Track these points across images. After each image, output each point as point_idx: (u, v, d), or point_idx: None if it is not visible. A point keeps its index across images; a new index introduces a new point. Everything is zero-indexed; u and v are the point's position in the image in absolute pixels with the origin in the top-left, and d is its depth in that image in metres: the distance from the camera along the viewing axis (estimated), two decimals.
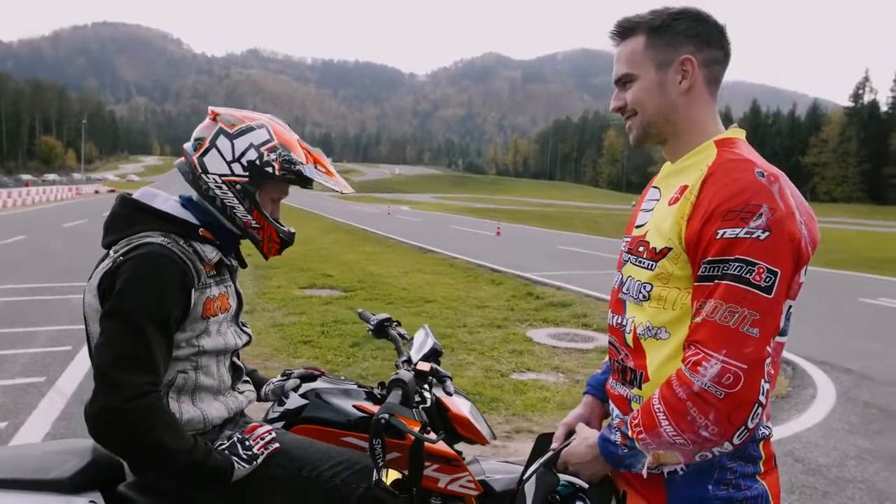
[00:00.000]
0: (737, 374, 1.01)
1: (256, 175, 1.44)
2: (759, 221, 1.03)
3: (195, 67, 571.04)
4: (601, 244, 19.28)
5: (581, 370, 5.40)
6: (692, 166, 1.17)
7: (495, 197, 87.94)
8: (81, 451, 1.44)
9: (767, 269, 1.02)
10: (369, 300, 8.51)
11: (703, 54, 1.18)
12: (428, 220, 30.46)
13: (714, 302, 1.04)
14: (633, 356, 1.20)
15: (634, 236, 1.26)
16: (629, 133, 1.26)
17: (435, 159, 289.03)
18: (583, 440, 1.23)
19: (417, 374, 1.65)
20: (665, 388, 1.08)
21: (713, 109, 1.22)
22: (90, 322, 1.39)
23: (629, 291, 1.22)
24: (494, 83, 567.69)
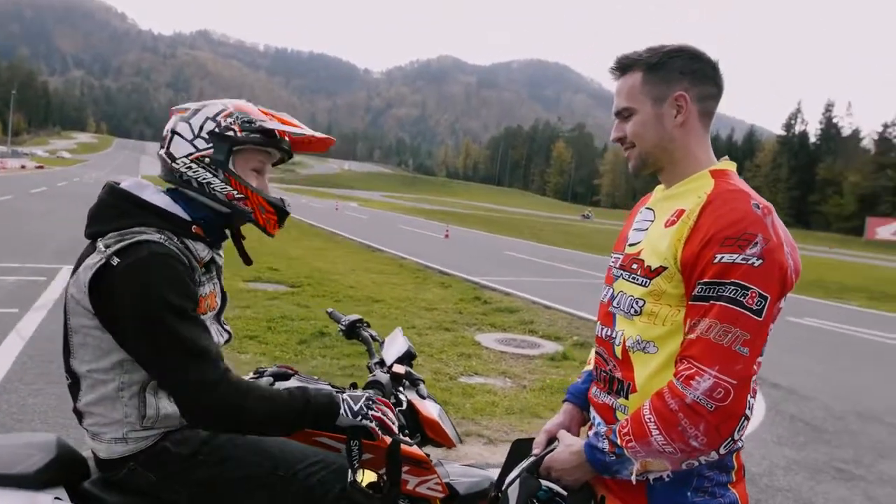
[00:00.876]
0: (727, 389, 1.09)
1: (219, 142, 1.42)
2: (755, 249, 1.10)
3: (139, 44, 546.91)
4: (547, 253, 19.69)
5: (528, 376, 5.51)
6: (688, 192, 1.25)
7: (444, 199, 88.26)
8: (46, 445, 1.38)
9: (759, 293, 1.10)
10: (316, 297, 8.41)
11: (696, 90, 1.26)
12: (377, 219, 30.29)
13: (709, 321, 1.12)
14: (621, 367, 1.27)
15: (627, 254, 1.32)
16: (628, 161, 1.33)
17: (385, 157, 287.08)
18: (566, 447, 1.28)
19: (393, 376, 1.66)
20: (656, 400, 1.15)
21: (706, 140, 1.31)
22: (71, 315, 1.35)
23: (620, 306, 1.29)
24: (449, 86, 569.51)
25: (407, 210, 44.75)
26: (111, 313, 1.31)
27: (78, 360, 1.36)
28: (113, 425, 1.36)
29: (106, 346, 1.34)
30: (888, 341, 9.20)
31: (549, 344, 6.81)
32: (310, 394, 1.40)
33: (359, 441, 1.35)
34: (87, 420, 1.39)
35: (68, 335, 1.37)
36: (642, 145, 1.29)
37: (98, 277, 1.29)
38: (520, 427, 4.19)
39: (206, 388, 1.28)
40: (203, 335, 1.34)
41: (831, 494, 3.63)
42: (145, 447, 1.38)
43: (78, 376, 1.37)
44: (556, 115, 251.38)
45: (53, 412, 3.74)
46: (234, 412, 1.31)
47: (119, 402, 1.35)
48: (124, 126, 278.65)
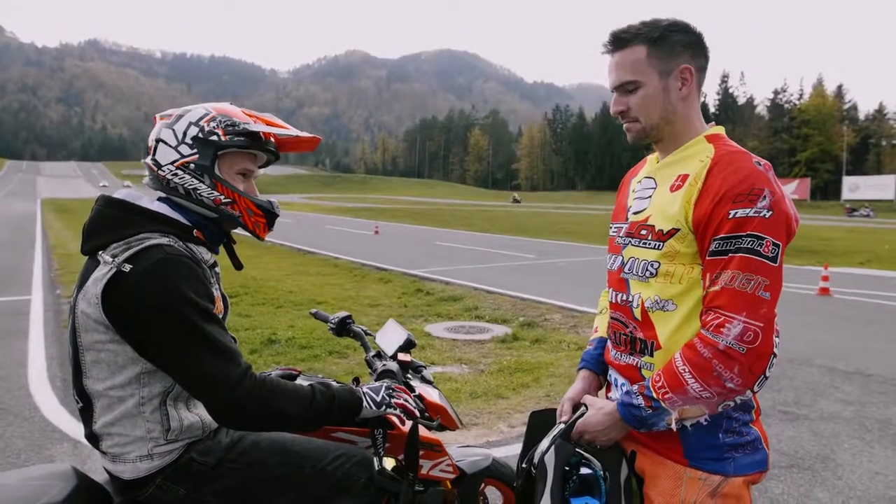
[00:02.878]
0: (756, 332, 1.18)
1: (204, 147, 1.41)
2: (764, 202, 1.20)
3: (22, 58, 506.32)
4: (477, 239, 19.99)
5: (482, 360, 5.63)
6: (688, 158, 1.33)
7: (367, 196, 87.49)
8: (65, 475, 1.33)
9: (773, 242, 1.19)
10: (257, 305, 8.20)
11: (696, 62, 1.33)
12: (301, 221, 29.65)
13: (731, 272, 1.20)
14: (642, 328, 1.34)
15: (633, 221, 1.38)
16: (628, 133, 1.38)
17: (301, 159, 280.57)
18: (598, 410, 1.34)
19: (400, 364, 1.69)
20: (688, 351, 1.23)
21: (698, 108, 1.38)
22: (82, 332, 1.30)
23: (632, 270, 1.36)
24: (360, 82, 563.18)
25: (330, 210, 44.07)
26: (129, 321, 1.27)
27: (92, 378, 1.32)
28: (136, 443, 1.33)
29: (122, 361, 1.30)
30: (804, 291, 10.00)
31: (497, 327, 6.97)
32: (334, 389, 1.41)
33: (383, 430, 1.37)
34: (106, 442, 1.34)
35: (79, 355, 1.32)
36: (648, 118, 1.34)
37: (111, 287, 1.26)
38: (487, 410, 4.29)
39: (232, 386, 1.28)
40: (225, 334, 1.33)
41: (782, 434, 3.93)
42: (171, 461, 1.35)
43: (91, 398, 1.33)
44: (470, 103, 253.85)
45: (2, 454, 3.50)
46: (260, 409, 1.30)
47: (140, 419, 1.32)
48: (14, 147, 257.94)
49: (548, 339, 6.37)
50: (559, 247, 17.31)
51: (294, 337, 6.07)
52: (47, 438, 3.73)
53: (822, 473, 3.38)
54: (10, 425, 3.93)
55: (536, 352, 5.92)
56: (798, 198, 65.28)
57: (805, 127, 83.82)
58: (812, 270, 12.41)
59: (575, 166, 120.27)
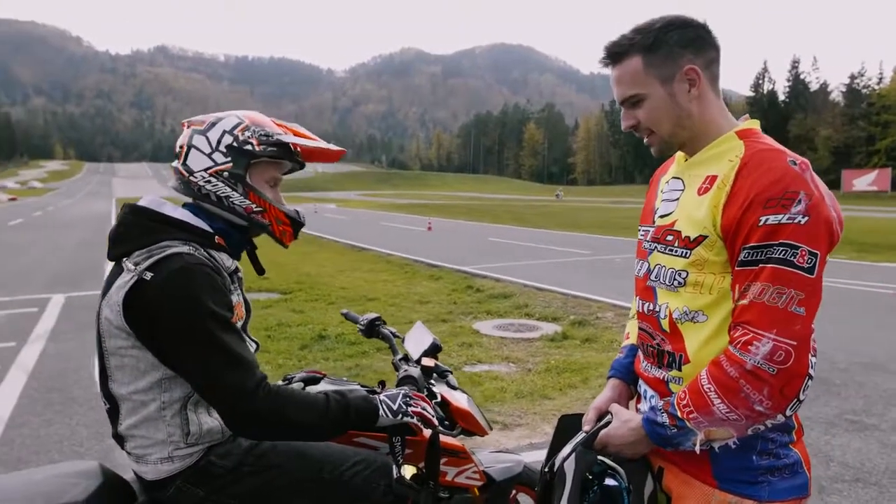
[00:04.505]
0: (787, 351, 1.07)
1: (238, 157, 1.44)
2: (799, 207, 1.08)
3: (98, 66, 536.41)
4: (530, 235, 19.77)
5: (530, 359, 5.55)
6: (717, 157, 1.22)
7: (421, 192, 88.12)
8: (90, 472, 1.38)
9: (809, 251, 1.08)
10: (310, 301, 8.38)
11: (701, 58, 1.22)
12: (357, 218, 30.15)
13: (761, 284, 1.10)
14: (670, 340, 1.25)
15: (659, 225, 1.29)
16: (650, 147, 1.30)
17: (358, 156, 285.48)
18: (623, 423, 1.26)
19: (423, 369, 1.67)
20: (714, 369, 1.13)
21: (720, 103, 1.27)
22: (107, 338, 1.34)
23: (659, 279, 1.26)
24: (414, 78, 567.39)
25: (386, 206, 44.62)
26: (150, 329, 1.30)
27: (117, 382, 1.36)
28: (157, 445, 1.36)
29: (144, 366, 1.33)
30: (881, 291, 9.37)
31: (547, 325, 6.86)
32: (349, 398, 1.41)
33: (402, 438, 1.36)
34: (130, 443, 1.38)
35: (104, 359, 1.36)
36: (662, 129, 1.25)
37: (132, 295, 1.29)
38: (532, 410, 4.23)
39: (246, 396, 1.29)
40: (241, 344, 1.35)
41: (848, 446, 3.68)
42: (191, 464, 1.38)
43: (117, 400, 1.37)
44: (525, 97, 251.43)
45: (68, 441, 3.71)
46: (275, 419, 1.31)
47: (162, 422, 1.35)
48: (92, 150, 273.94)
49: (599, 338, 6.22)
50: (615, 242, 16.89)
51: (343, 333, 6.16)
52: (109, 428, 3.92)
53: (892, 490, 3.15)
54: (77, 414, 4.15)
55: (586, 351, 5.79)
56: (877, 189, 61.24)
57: (885, 113, 78.55)
58: (891, 268, 11.65)
59: (634, 159, 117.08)
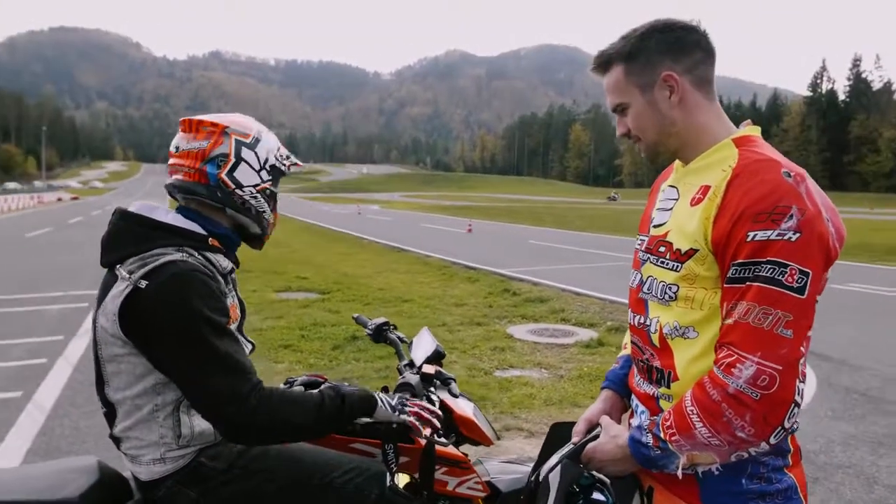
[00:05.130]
0: (772, 376, 1.02)
1: (276, 177, 1.56)
2: (790, 223, 1.03)
3: (156, 71, 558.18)
4: (572, 238, 19.51)
5: (563, 365, 5.45)
6: (711, 165, 1.17)
7: (464, 194, 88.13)
8: (88, 469, 1.41)
9: (799, 270, 1.03)
10: (346, 301, 8.46)
11: (682, 63, 1.18)
12: (398, 219, 30.37)
13: (746, 304, 1.04)
14: (659, 356, 1.20)
15: (653, 235, 1.24)
16: (642, 153, 1.28)
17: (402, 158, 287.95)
18: (611, 438, 1.22)
19: (423, 377, 1.65)
20: (697, 390, 1.08)
21: (714, 107, 1.22)
22: (102, 345, 1.36)
23: (651, 291, 1.22)
24: (459, 80, 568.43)
25: (428, 208, 44.80)
26: (145, 337, 1.31)
27: (113, 388, 1.37)
28: (150, 447, 1.37)
29: (140, 372, 1.34)
30: None
31: (583, 331, 6.74)
32: (344, 391, 1.41)
33: (394, 445, 1.33)
34: (124, 445, 1.40)
35: (101, 365, 1.37)
36: (646, 136, 1.23)
37: (128, 304, 1.30)
38: (560, 418, 4.13)
39: (240, 402, 1.29)
40: (237, 349, 1.35)
41: (895, 466, 3.49)
42: (183, 465, 1.39)
43: (114, 405, 1.38)
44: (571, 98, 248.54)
45: (105, 433, 3.82)
46: (270, 423, 1.31)
47: (154, 424, 1.36)
48: (149, 152, 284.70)
49: None
50: None
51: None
52: None
53: None
54: None
55: None
56: None
57: None
58: None
59: None
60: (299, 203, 52.63)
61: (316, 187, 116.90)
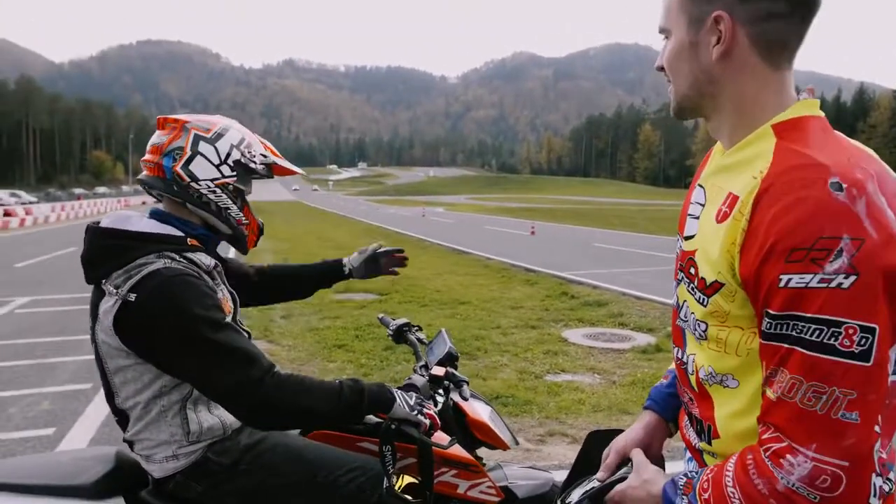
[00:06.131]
0: (836, 475, 0.77)
1: (242, 173, 1.51)
2: (840, 262, 0.75)
3: (233, 79, 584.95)
4: (639, 241, 18.95)
5: (617, 371, 5.30)
6: (744, 164, 0.90)
7: (529, 196, 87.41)
8: (106, 457, 1.48)
9: (860, 327, 0.75)
10: (403, 303, 8.56)
11: (746, 7, 0.88)
12: (462, 221, 30.45)
13: (790, 377, 0.79)
14: (698, 403, 0.99)
15: (685, 251, 1.00)
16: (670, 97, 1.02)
17: (468, 160, 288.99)
18: (643, 483, 1.01)
19: (432, 378, 1.64)
20: (741, 473, 0.84)
21: (776, 80, 0.91)
22: (107, 359, 1.39)
23: (687, 321, 0.99)
24: (526, 82, 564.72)
25: (492, 210, 44.70)
26: (146, 346, 1.34)
27: (122, 398, 1.41)
28: (162, 446, 1.42)
29: (147, 378, 1.38)
30: None
31: (640, 336, 6.53)
32: (363, 383, 1.40)
33: (392, 446, 1.33)
34: (137, 446, 1.45)
35: (108, 377, 1.41)
36: (677, 82, 0.97)
37: (120, 318, 1.32)
38: (606, 426, 4.02)
39: (253, 387, 1.30)
40: (239, 338, 1.36)
41: None
42: (194, 460, 1.43)
43: (125, 412, 1.43)
44: (640, 97, 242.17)
45: None
46: (286, 406, 1.32)
47: (164, 424, 1.40)
48: None
49: None
50: None
51: (430, 336, 6.22)
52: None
53: None
54: None
55: None
56: None
57: None
58: None
59: None
60: (365, 206, 53.70)
61: (382, 190, 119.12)
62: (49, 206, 34.61)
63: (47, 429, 4.05)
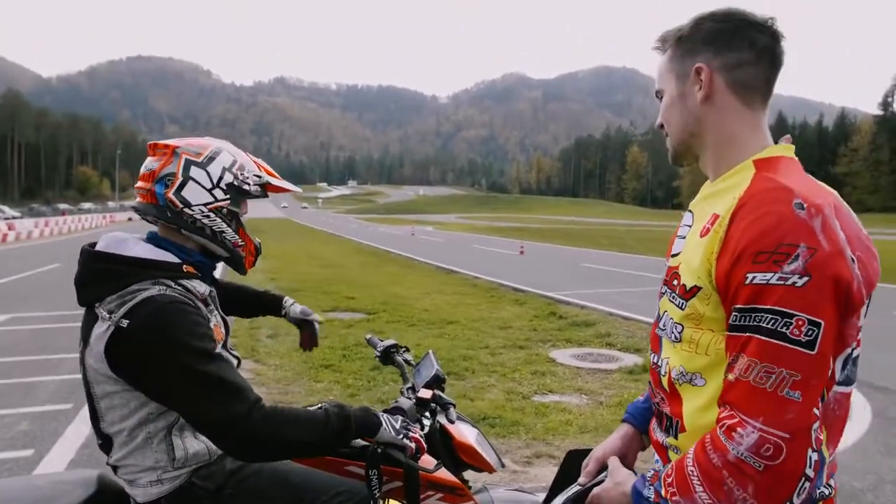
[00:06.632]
0: (778, 445, 0.89)
1: (236, 196, 1.50)
2: (796, 265, 0.90)
3: (224, 97, 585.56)
4: (627, 261, 19.06)
5: (604, 391, 5.30)
6: (726, 190, 1.05)
7: (519, 215, 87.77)
8: (87, 481, 1.45)
9: (808, 320, 0.89)
10: (391, 322, 8.52)
11: (721, 58, 1.06)
12: (451, 241, 30.50)
13: (747, 359, 0.93)
14: (668, 401, 1.11)
15: (670, 266, 1.14)
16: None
17: (458, 180, 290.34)
18: (616, 485, 1.13)
19: (418, 401, 1.63)
20: (699, 451, 0.97)
21: (753, 119, 1.08)
22: (94, 384, 1.38)
23: (665, 328, 1.13)
24: (516, 103, 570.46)
25: (482, 230, 44.81)
26: (135, 374, 1.33)
27: (107, 423, 1.39)
28: (146, 471, 1.39)
29: (133, 405, 1.36)
30: None
31: (627, 357, 6.54)
32: (348, 409, 1.40)
33: (378, 470, 1.32)
34: (121, 470, 1.42)
35: (94, 402, 1.39)
36: (672, 131, 1.15)
37: (112, 343, 1.31)
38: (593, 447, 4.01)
39: (239, 421, 1.29)
40: (229, 370, 1.35)
41: None
42: (179, 485, 1.41)
43: (110, 437, 1.41)
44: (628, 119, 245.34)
45: None
46: (272, 439, 1.31)
47: (149, 450, 1.38)
48: None
49: None
50: None
51: (417, 357, 6.19)
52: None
53: None
54: None
55: None
56: None
57: None
58: None
59: None
60: (355, 224, 53.63)
61: (372, 208, 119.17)
62: (33, 221, 34.24)
63: (25, 450, 3.96)
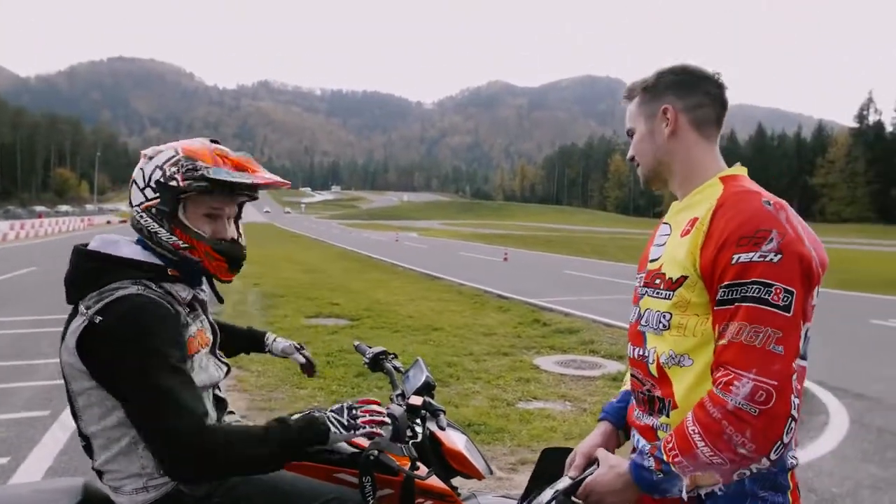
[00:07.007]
0: (768, 391, 1.07)
1: (165, 193, 1.41)
2: (771, 245, 1.11)
3: (207, 99, 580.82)
4: (609, 269, 19.21)
5: (588, 398, 5.33)
6: (700, 201, 1.27)
7: (503, 222, 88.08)
8: (72, 490, 1.42)
9: (784, 288, 1.10)
10: (375, 328, 8.49)
11: (683, 101, 1.32)
12: (435, 247, 30.49)
13: (737, 324, 1.11)
14: (659, 385, 1.26)
15: (650, 270, 1.34)
16: (640, 177, 1.44)
17: (442, 186, 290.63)
18: (610, 468, 1.23)
19: (409, 408, 1.63)
20: (699, 410, 1.13)
21: (709, 148, 1.34)
22: (71, 381, 1.37)
23: (648, 323, 1.29)
24: (501, 111, 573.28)
25: (466, 236, 44.88)
26: (101, 370, 1.32)
27: (85, 421, 1.38)
28: (132, 478, 1.37)
29: (110, 403, 1.35)
30: None
31: (611, 363, 6.59)
32: (288, 421, 1.35)
33: (371, 476, 1.31)
34: (106, 477, 1.40)
35: (72, 400, 1.38)
36: (643, 160, 1.38)
37: (83, 338, 1.30)
38: None
39: (182, 439, 1.25)
40: (184, 385, 1.31)
41: None
42: (165, 493, 1.39)
43: (89, 437, 1.39)
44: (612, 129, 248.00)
45: None
46: (211, 460, 1.27)
47: (135, 455, 1.36)
48: None
49: None
50: None
51: (405, 363, 6.17)
52: None
53: None
54: None
55: None
56: None
57: None
58: None
59: None
60: (338, 229, 53.40)
61: (355, 214, 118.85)
62: (8, 223, 33.60)
63: (2, 458, 3.88)
